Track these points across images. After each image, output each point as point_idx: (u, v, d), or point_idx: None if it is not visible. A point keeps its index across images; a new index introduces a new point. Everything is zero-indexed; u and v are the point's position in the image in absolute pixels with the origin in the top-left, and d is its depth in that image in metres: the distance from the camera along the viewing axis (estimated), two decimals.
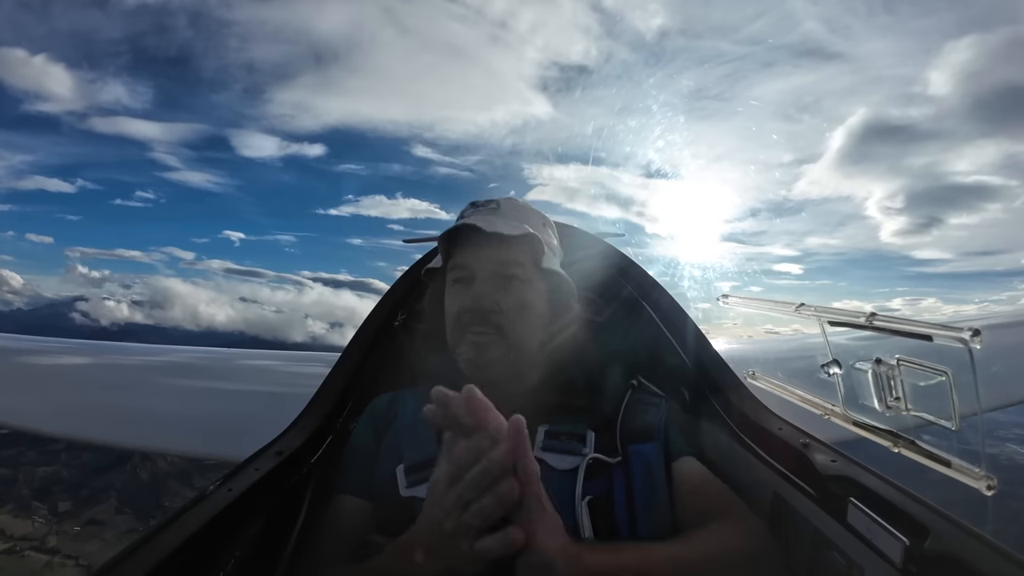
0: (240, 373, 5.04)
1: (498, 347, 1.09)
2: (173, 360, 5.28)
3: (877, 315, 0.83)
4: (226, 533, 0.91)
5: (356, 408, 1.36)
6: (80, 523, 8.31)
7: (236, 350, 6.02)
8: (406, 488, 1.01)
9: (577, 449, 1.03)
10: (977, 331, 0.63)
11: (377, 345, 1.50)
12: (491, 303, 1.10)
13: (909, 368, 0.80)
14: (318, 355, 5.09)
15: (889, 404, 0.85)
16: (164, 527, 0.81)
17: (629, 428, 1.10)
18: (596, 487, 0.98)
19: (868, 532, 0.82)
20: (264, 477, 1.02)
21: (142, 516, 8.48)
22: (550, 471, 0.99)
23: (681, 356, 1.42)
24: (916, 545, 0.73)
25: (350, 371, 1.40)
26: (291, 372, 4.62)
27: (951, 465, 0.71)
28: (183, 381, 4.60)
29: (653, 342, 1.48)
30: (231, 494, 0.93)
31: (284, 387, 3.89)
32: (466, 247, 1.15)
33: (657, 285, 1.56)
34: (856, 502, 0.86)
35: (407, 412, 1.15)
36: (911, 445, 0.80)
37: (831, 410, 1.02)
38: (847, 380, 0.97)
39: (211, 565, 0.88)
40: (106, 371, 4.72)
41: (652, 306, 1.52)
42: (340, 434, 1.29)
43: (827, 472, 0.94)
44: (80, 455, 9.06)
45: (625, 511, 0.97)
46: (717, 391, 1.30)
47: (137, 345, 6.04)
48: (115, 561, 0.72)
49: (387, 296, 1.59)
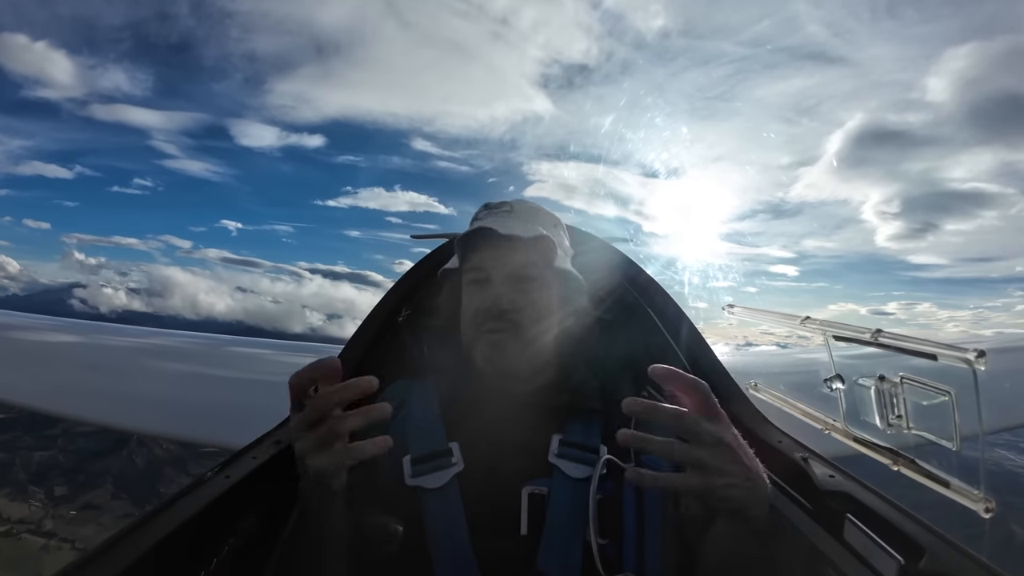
0: (239, 361, 5.07)
1: (514, 345, 1.12)
2: (171, 345, 5.31)
3: (883, 332, 0.83)
4: (222, 520, 0.91)
5: (356, 401, 1.36)
6: (76, 507, 8.37)
7: (239, 337, 6.06)
8: (411, 478, 1.02)
9: (591, 460, 1.03)
10: (982, 352, 0.63)
11: (380, 339, 1.50)
12: (508, 302, 1.13)
13: (912, 386, 0.80)
14: (320, 346, 5.11)
15: (891, 421, 0.84)
16: (160, 511, 0.81)
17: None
18: (607, 487, 0.98)
19: (864, 549, 0.82)
20: (262, 466, 1.02)
21: (138, 501, 8.55)
22: (564, 478, 1.00)
23: (683, 364, 1.42)
24: (911, 565, 0.73)
25: (352, 363, 1.40)
26: (290, 363, 4.64)
27: (950, 486, 0.71)
28: (181, 366, 4.63)
29: (657, 348, 1.47)
30: (228, 481, 0.94)
31: (282, 376, 3.92)
32: (483, 249, 1.19)
33: (662, 291, 1.55)
34: (853, 519, 0.85)
35: (414, 405, 1.17)
36: (911, 464, 0.80)
37: (832, 425, 1.01)
38: (849, 395, 0.96)
39: (206, 551, 0.88)
40: (104, 353, 4.76)
41: (657, 312, 1.52)
42: None
43: (825, 487, 0.94)
44: (76, 440, 9.14)
45: (634, 515, 0.98)
46: (718, 400, 1.30)
47: (142, 328, 6.10)
48: (110, 543, 0.73)
49: (392, 291, 1.59)
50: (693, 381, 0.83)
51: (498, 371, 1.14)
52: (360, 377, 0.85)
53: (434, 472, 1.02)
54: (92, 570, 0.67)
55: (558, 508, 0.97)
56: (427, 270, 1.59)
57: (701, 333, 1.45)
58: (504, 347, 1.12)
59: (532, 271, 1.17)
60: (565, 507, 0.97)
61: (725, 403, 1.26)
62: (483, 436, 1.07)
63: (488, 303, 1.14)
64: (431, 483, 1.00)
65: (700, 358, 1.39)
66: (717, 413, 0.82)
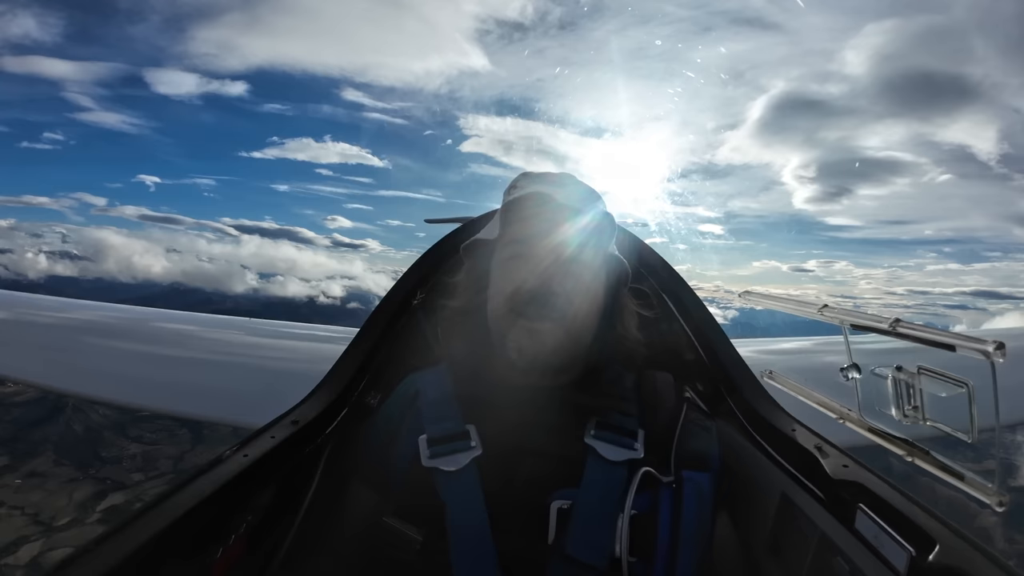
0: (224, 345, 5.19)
1: (554, 336, 1.00)
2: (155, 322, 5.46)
3: (901, 321, 0.81)
4: (240, 498, 0.93)
5: (372, 383, 1.38)
6: (20, 476, 8.68)
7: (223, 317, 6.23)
8: (428, 459, 1.00)
9: (629, 444, 1.00)
10: (1001, 344, 0.62)
11: (396, 322, 1.51)
12: (558, 285, 1.00)
13: (929, 377, 0.79)
14: (310, 328, 5.20)
15: (906, 412, 0.83)
16: (180, 488, 0.84)
17: (683, 450, 1.05)
18: (641, 501, 0.95)
19: (875, 540, 0.81)
20: (279, 445, 1.04)
21: (81, 466, 8.84)
22: (599, 460, 0.97)
23: (699, 352, 1.41)
24: (922, 556, 0.73)
25: (368, 346, 1.42)
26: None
27: (964, 479, 0.70)
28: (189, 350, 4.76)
29: (674, 337, 1.47)
30: (247, 460, 0.96)
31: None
32: (534, 219, 1.05)
33: (680, 279, 1.53)
34: (865, 509, 0.85)
35: (428, 390, 1.12)
36: (925, 455, 0.79)
37: (847, 414, 1.00)
38: (865, 385, 0.95)
39: (224, 528, 0.91)
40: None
41: (674, 301, 1.51)
42: (355, 407, 1.31)
43: (838, 476, 0.93)
44: (11, 411, 9.44)
45: (668, 534, 0.93)
46: (732, 389, 1.29)
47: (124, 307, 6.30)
48: (132, 518, 0.75)
49: (408, 274, 1.60)
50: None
51: (529, 363, 1.02)
52: None
53: (452, 454, 0.99)
54: (113, 543, 0.69)
55: (590, 492, 0.94)
56: (443, 253, 1.59)
57: (718, 321, 1.44)
58: (542, 338, 1.00)
59: (588, 254, 1.04)
60: (598, 491, 0.95)
61: (738, 391, 1.26)
62: (504, 430, 1.01)
63: (533, 284, 1.00)
64: (448, 465, 0.98)
65: (717, 348, 1.38)
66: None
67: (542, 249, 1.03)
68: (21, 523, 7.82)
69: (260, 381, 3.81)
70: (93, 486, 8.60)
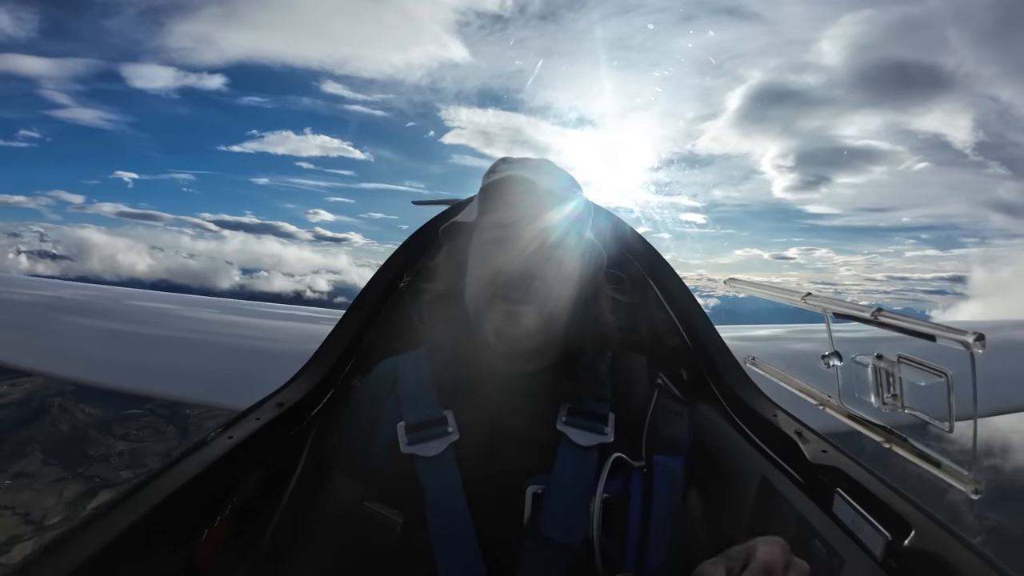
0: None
1: (532, 320, 1.01)
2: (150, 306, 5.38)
3: (883, 311, 0.82)
4: (225, 479, 0.93)
5: (358, 366, 1.37)
6: (9, 476, 8.61)
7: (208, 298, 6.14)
8: (407, 445, 1.00)
9: (599, 429, 1.02)
10: (981, 335, 0.63)
11: (381, 305, 1.50)
12: (539, 270, 1.02)
13: (909, 366, 0.80)
14: (299, 310, 5.15)
15: (886, 400, 0.85)
16: (166, 470, 0.83)
17: (655, 435, 1.06)
18: (614, 485, 0.97)
19: (852, 524, 0.83)
20: (264, 427, 1.04)
21: (69, 465, 8.79)
22: (571, 445, 0.99)
23: (683, 337, 1.42)
24: (897, 541, 0.75)
25: (354, 329, 1.41)
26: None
27: (940, 466, 0.71)
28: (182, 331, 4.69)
29: (660, 324, 1.47)
30: (231, 442, 0.95)
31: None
32: (512, 202, 1.05)
33: (665, 264, 1.54)
34: (843, 493, 0.86)
35: (406, 376, 1.13)
36: (903, 442, 0.81)
37: (827, 400, 1.02)
38: (846, 373, 0.96)
39: (209, 509, 0.90)
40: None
41: (658, 285, 1.51)
42: (341, 390, 1.30)
43: (817, 461, 0.95)
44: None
45: (640, 517, 0.95)
46: (715, 374, 1.31)
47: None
48: (116, 501, 0.74)
49: (394, 256, 1.58)
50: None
51: (507, 347, 1.04)
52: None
53: (430, 440, 1.00)
54: (98, 527, 0.69)
55: (563, 476, 0.96)
56: (429, 236, 1.58)
57: (703, 308, 1.45)
58: (521, 321, 1.01)
59: (567, 237, 1.05)
60: (570, 475, 0.96)
61: (721, 377, 1.28)
62: (482, 415, 1.03)
63: (512, 267, 1.01)
64: (427, 451, 0.99)
65: (701, 333, 1.39)
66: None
67: (526, 234, 1.03)
68: (12, 523, 7.76)
69: (244, 362, 3.77)
70: (82, 484, 8.53)
